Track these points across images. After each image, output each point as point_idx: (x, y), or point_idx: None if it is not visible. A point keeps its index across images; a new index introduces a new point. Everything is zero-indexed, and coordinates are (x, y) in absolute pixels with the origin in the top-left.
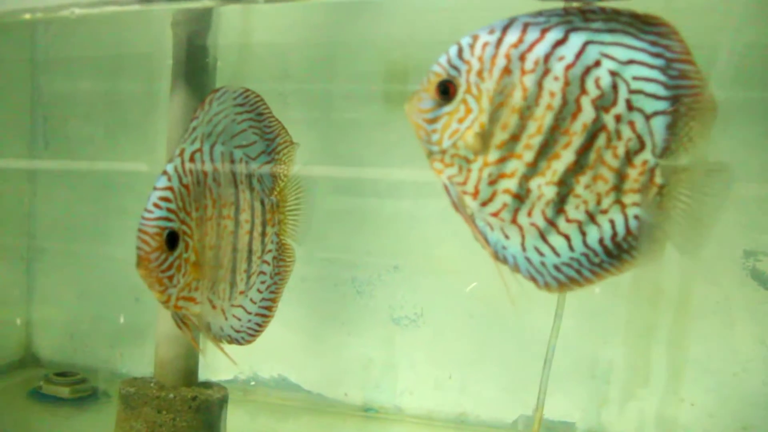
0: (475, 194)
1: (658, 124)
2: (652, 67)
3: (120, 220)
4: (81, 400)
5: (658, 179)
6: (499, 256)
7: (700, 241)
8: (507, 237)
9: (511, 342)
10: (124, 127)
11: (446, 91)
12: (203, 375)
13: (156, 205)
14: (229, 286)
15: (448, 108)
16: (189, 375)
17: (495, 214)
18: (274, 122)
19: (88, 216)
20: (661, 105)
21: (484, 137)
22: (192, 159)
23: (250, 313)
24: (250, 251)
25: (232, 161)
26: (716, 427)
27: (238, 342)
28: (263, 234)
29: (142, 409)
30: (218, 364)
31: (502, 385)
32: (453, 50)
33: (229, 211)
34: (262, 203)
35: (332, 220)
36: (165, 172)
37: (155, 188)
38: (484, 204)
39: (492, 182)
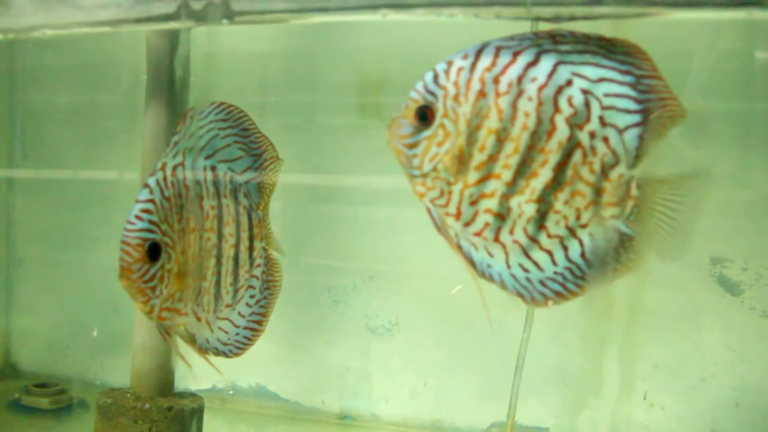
0: (458, 215)
1: (631, 137)
2: (622, 83)
3: (99, 231)
4: (60, 411)
5: (634, 191)
6: (486, 275)
7: (681, 246)
8: (491, 255)
9: (486, 349)
10: (102, 138)
11: (424, 116)
12: (181, 384)
13: (138, 217)
14: (213, 298)
15: (427, 133)
16: (165, 385)
17: (478, 234)
18: (261, 138)
19: (67, 226)
20: (633, 119)
21: (463, 159)
22: (174, 173)
23: (238, 327)
24: (236, 264)
25: (216, 175)
26: (685, 430)
27: (225, 354)
28: (251, 248)
29: (119, 420)
30: (197, 374)
31: (477, 392)
32: (429, 76)
33: (212, 224)
34: (249, 217)
35: (308, 229)
36: (147, 185)
37: (137, 201)
38: (466, 224)
39: (473, 203)
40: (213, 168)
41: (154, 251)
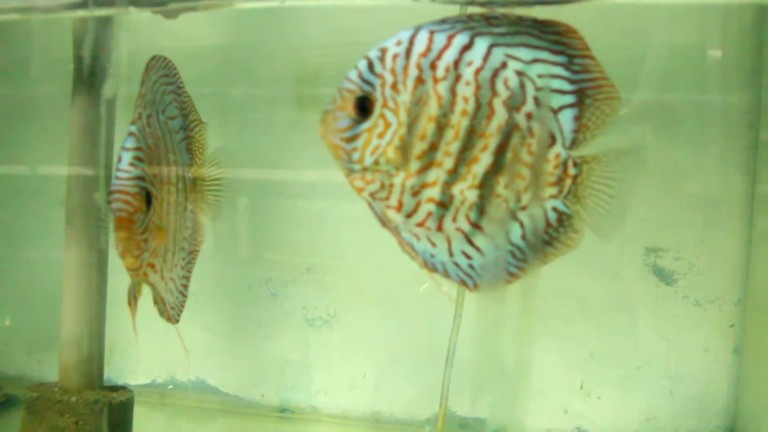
0: (399, 207)
1: (566, 117)
2: (555, 64)
3: (33, 225)
4: None
5: (571, 170)
6: (429, 265)
7: (616, 223)
8: (434, 245)
9: (424, 341)
10: (33, 130)
11: (364, 107)
12: (121, 379)
13: (132, 165)
14: (172, 255)
15: (366, 124)
16: (93, 378)
17: (420, 224)
18: (188, 99)
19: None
20: (567, 99)
21: (405, 150)
22: (149, 123)
23: (177, 290)
24: (184, 221)
25: (169, 130)
26: (622, 419)
27: (171, 320)
28: (185, 209)
29: (45, 414)
30: (135, 368)
31: (416, 384)
32: (363, 65)
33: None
34: (185, 177)
35: (245, 222)
36: (132, 133)
37: (125, 148)
38: (408, 216)
39: (415, 193)
40: (167, 123)
41: (148, 201)
